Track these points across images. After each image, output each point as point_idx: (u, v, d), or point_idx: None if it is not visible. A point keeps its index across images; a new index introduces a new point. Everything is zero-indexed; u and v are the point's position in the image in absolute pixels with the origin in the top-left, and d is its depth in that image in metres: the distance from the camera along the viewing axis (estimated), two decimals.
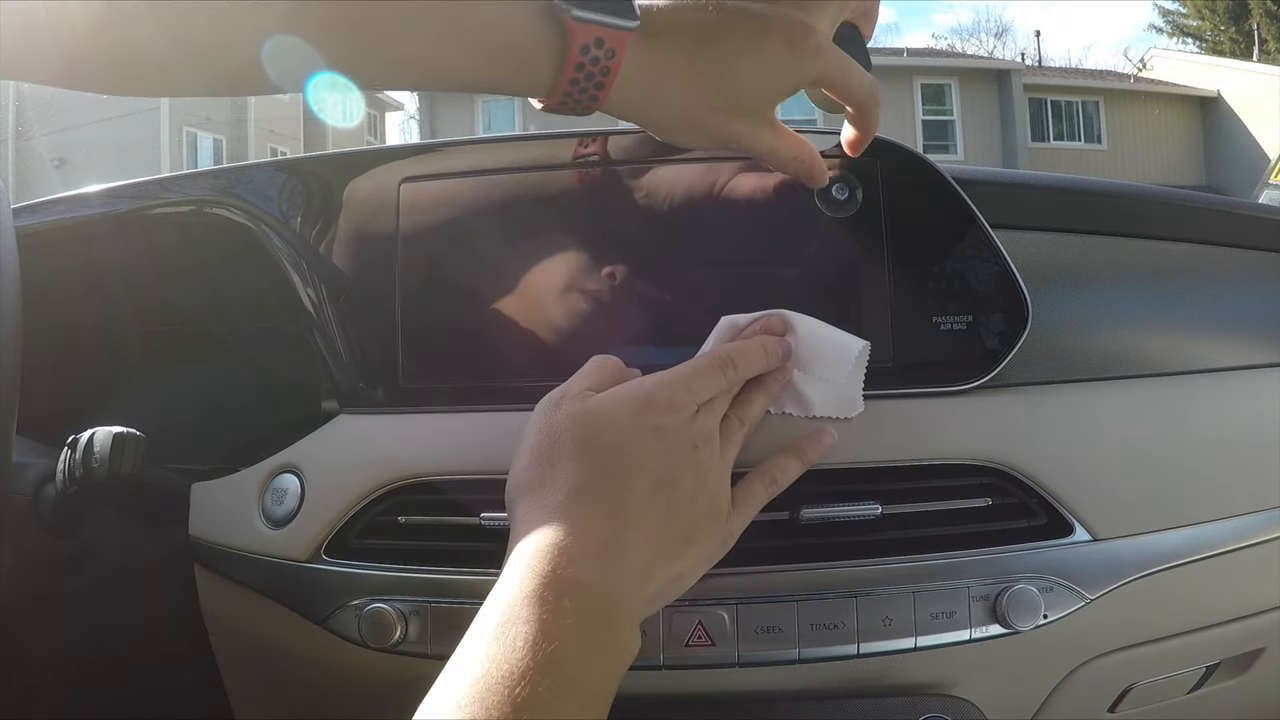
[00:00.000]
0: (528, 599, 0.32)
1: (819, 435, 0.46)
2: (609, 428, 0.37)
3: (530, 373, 0.52)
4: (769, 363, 0.44)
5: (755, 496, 0.43)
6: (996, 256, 0.51)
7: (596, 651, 0.32)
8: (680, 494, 0.37)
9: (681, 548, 0.37)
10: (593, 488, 0.35)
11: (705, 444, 0.39)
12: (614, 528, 0.35)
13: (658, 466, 0.36)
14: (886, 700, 0.48)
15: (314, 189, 0.58)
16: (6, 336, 0.40)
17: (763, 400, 0.44)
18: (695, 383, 0.40)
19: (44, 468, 0.53)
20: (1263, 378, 0.56)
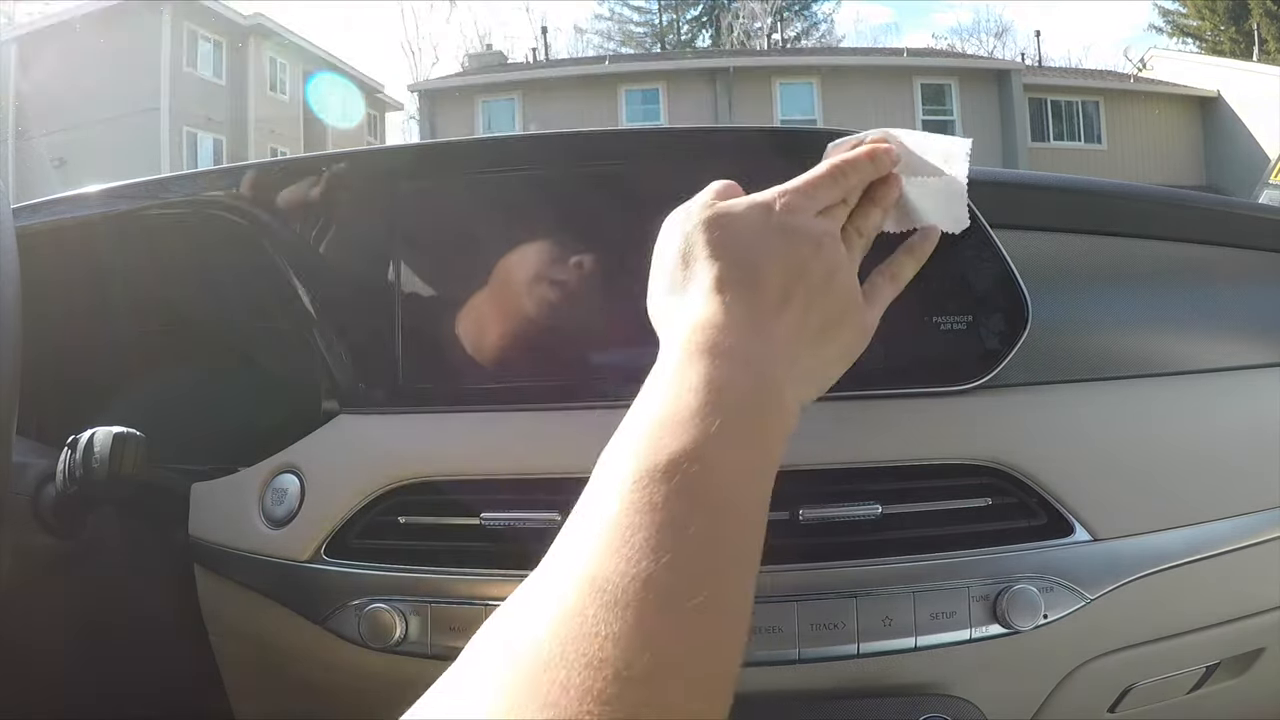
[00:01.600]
0: (691, 355, 0.33)
1: (926, 233, 0.46)
2: (738, 229, 0.38)
3: (530, 373, 0.52)
4: (878, 168, 0.45)
5: (882, 290, 0.44)
6: (996, 256, 0.51)
7: (758, 404, 0.33)
8: (813, 284, 0.38)
9: (822, 333, 0.39)
10: (731, 279, 0.37)
11: (830, 240, 0.40)
12: (757, 311, 0.36)
13: (788, 261, 0.38)
14: (886, 700, 0.48)
15: (314, 189, 0.58)
16: (6, 336, 0.40)
17: (877, 213, 0.45)
18: (811, 190, 0.41)
19: (44, 468, 0.53)
20: (1263, 378, 0.56)
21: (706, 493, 0.29)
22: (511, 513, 0.49)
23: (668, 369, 0.33)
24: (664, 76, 12.85)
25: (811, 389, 0.39)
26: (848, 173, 0.43)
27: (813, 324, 0.38)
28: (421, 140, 9.43)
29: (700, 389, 0.31)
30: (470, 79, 13.27)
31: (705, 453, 0.29)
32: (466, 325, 0.53)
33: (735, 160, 0.53)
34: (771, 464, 0.33)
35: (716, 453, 0.29)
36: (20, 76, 11.17)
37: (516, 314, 0.53)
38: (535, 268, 0.53)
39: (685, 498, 0.28)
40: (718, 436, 0.30)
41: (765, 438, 0.33)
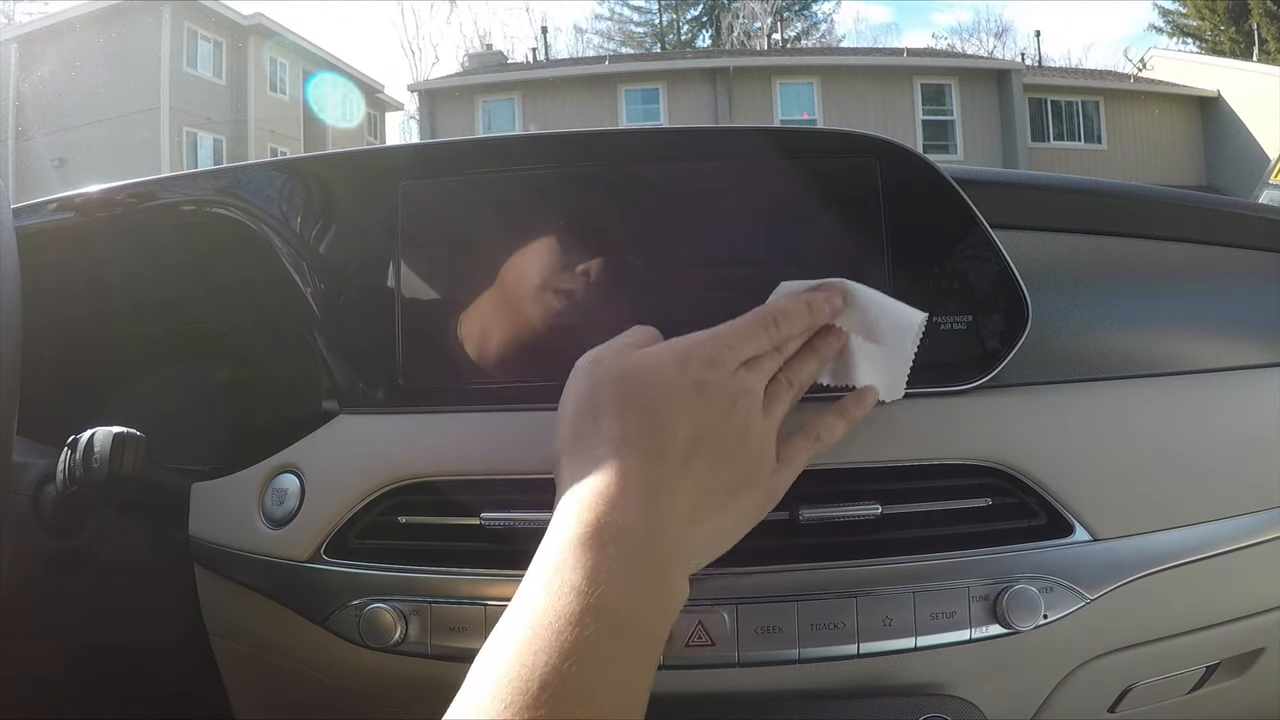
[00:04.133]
0: (573, 546, 0.33)
1: (862, 394, 0.46)
2: (651, 382, 0.38)
3: (531, 373, 0.52)
4: (814, 319, 0.43)
5: (801, 452, 0.43)
6: (996, 256, 0.51)
7: (645, 594, 0.33)
8: (723, 446, 0.37)
9: (726, 499, 0.38)
10: (636, 440, 0.36)
11: (745, 399, 0.39)
12: (658, 476, 0.35)
13: (699, 419, 0.37)
14: (886, 700, 0.48)
15: (314, 189, 0.58)
16: (6, 336, 0.40)
17: (813, 363, 0.44)
18: (735, 340, 0.40)
19: (44, 468, 0.53)
20: (1263, 378, 0.56)
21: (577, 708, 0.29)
22: (511, 513, 0.49)
23: (551, 558, 0.33)
24: (664, 76, 12.85)
25: (707, 555, 0.38)
26: (779, 322, 0.42)
27: (718, 487, 0.37)
28: (421, 140, 9.42)
29: (579, 589, 0.31)
30: (470, 79, 13.27)
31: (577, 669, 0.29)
32: (467, 325, 0.53)
33: (736, 160, 0.53)
34: (656, 644, 0.33)
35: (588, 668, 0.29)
36: (20, 76, 11.16)
37: (517, 314, 0.53)
38: (535, 268, 0.52)
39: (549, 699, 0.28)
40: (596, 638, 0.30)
41: (652, 623, 0.33)
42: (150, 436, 0.51)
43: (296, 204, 0.57)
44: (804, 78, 12.47)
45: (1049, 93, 12.53)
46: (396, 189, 0.54)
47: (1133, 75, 13.53)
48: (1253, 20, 14.52)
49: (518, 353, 0.53)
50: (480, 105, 12.78)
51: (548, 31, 17.77)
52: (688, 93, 12.53)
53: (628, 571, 0.32)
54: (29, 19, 12.95)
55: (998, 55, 17.35)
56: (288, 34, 13.76)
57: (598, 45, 20.68)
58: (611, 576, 0.32)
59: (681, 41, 19.90)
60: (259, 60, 13.29)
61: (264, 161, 0.63)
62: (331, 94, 14.43)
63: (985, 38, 20.50)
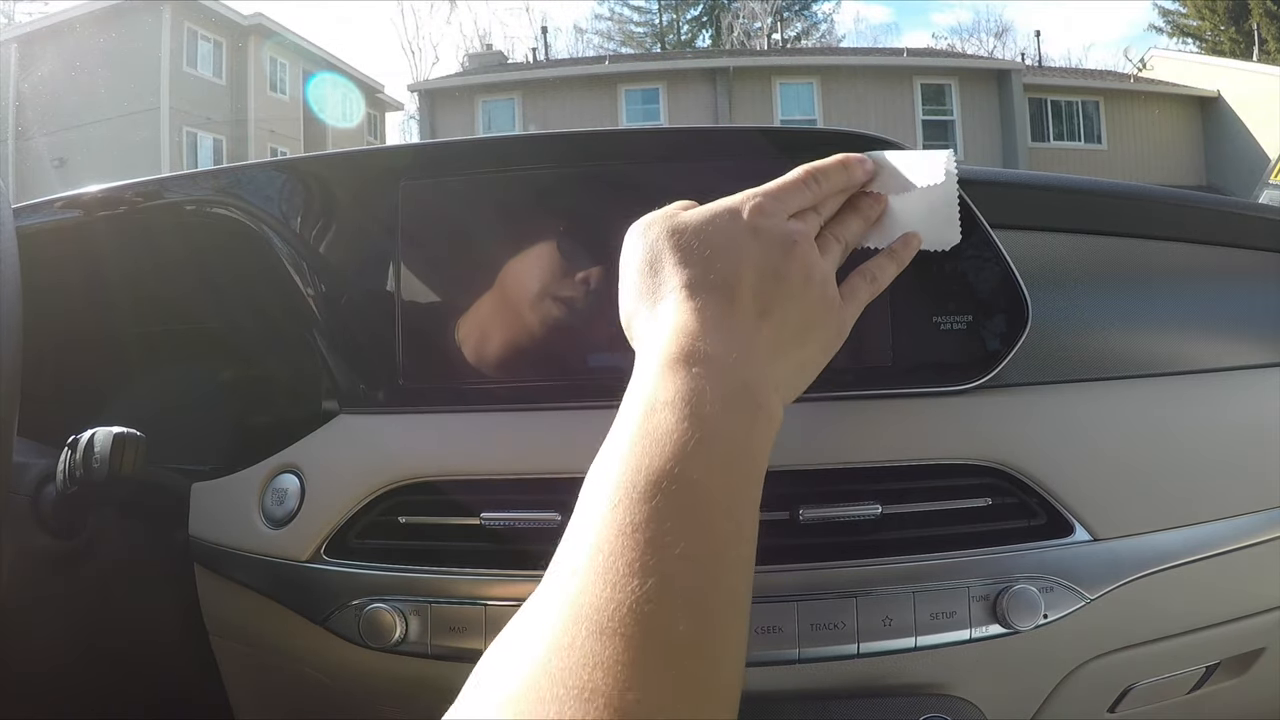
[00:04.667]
0: (661, 370, 0.32)
1: (908, 238, 0.46)
2: (708, 233, 0.38)
3: (530, 373, 0.52)
4: (850, 176, 0.44)
5: (860, 291, 0.43)
6: (996, 256, 0.51)
7: (738, 411, 0.32)
8: (789, 283, 0.37)
9: (800, 333, 0.38)
10: (704, 283, 0.36)
11: (803, 240, 0.39)
12: (733, 312, 0.35)
13: (761, 261, 0.37)
14: (886, 700, 0.48)
15: (314, 189, 0.58)
16: (6, 336, 0.40)
17: (857, 222, 0.45)
18: (781, 194, 0.40)
19: (44, 468, 0.53)
20: (1263, 378, 0.56)
21: (690, 510, 0.28)
22: (511, 513, 0.49)
23: (644, 382, 0.33)
24: (664, 76, 12.85)
25: (792, 388, 0.39)
26: (819, 178, 0.42)
27: (790, 324, 0.37)
28: (421, 140, 9.42)
29: (677, 402, 0.31)
30: (470, 79, 13.27)
31: (685, 469, 0.29)
32: (467, 325, 0.53)
33: (736, 160, 0.53)
34: (756, 470, 0.32)
35: (697, 467, 0.29)
36: (20, 76, 11.17)
37: (516, 314, 0.53)
38: (535, 268, 0.52)
39: (668, 517, 0.28)
40: (696, 451, 0.30)
41: (747, 445, 0.32)
42: (150, 436, 0.51)
43: (296, 204, 0.57)
44: (804, 78, 12.46)
45: (1049, 93, 12.53)
46: (396, 189, 0.54)
47: (1133, 75, 13.53)
48: (1253, 20, 14.52)
49: (517, 353, 0.53)
50: (480, 105, 12.78)
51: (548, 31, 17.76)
52: (688, 93, 12.53)
53: (717, 388, 0.32)
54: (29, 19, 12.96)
55: (998, 55, 17.36)
56: (288, 34, 13.76)
57: (598, 45, 20.71)
58: (702, 391, 0.31)
59: (681, 41, 19.92)
60: (259, 60, 13.29)
61: (264, 161, 0.63)
62: (331, 94, 14.43)
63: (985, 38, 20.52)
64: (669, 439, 0.30)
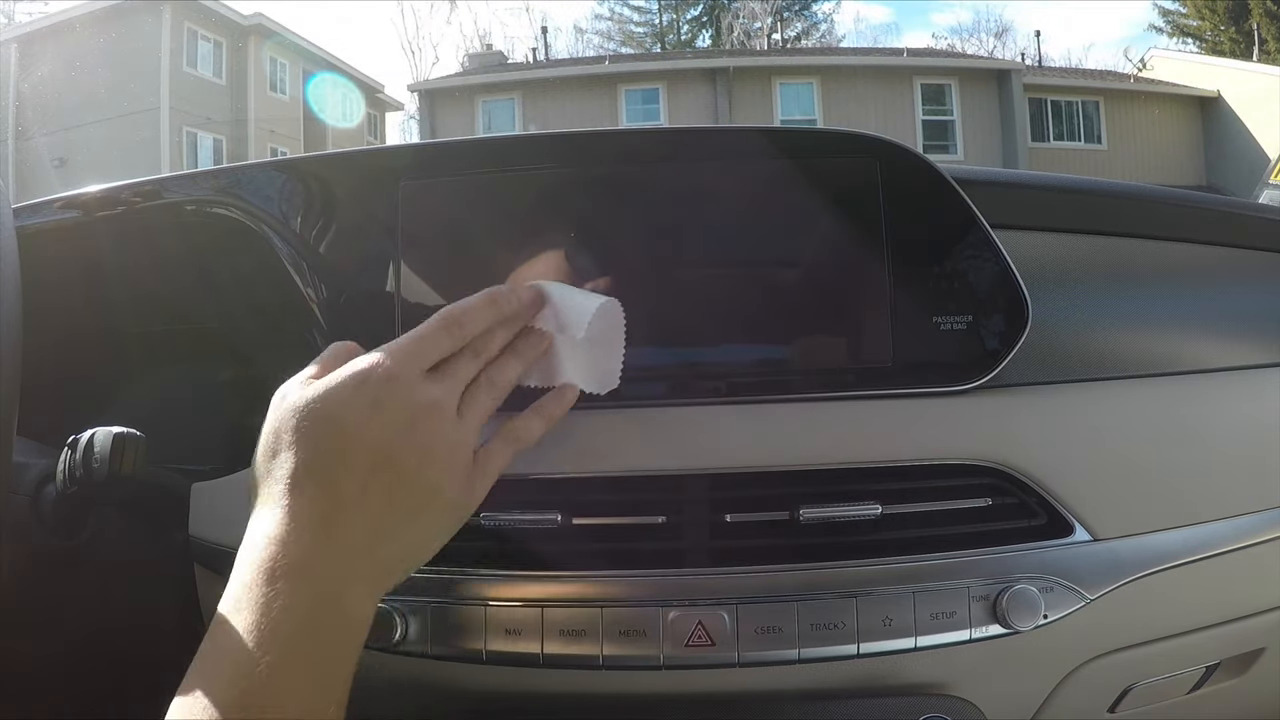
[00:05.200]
0: (248, 587, 0.34)
1: (561, 392, 0.45)
2: (326, 412, 0.37)
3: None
4: (500, 312, 0.42)
5: (498, 456, 0.42)
6: (996, 256, 0.51)
7: (319, 628, 0.34)
8: (400, 470, 0.37)
9: (407, 521, 0.38)
10: (309, 473, 0.36)
11: (427, 414, 0.38)
12: (331, 509, 0.35)
13: (376, 442, 0.36)
14: (886, 700, 0.48)
15: (314, 189, 0.58)
16: (6, 336, 0.40)
17: (514, 364, 0.43)
18: (416, 347, 0.39)
19: (44, 468, 0.53)
20: (1263, 378, 0.56)
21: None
22: (511, 513, 0.48)
23: (230, 597, 0.35)
24: (664, 76, 12.84)
25: (393, 577, 0.38)
26: (462, 321, 0.41)
27: (398, 510, 0.37)
28: (421, 140, 9.42)
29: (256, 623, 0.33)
30: (470, 79, 13.27)
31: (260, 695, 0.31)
32: None
33: (736, 160, 0.53)
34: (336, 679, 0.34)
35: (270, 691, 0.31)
36: (20, 76, 11.17)
37: None
38: (535, 268, 0.52)
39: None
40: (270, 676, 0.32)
41: (328, 654, 0.34)
42: (150, 436, 0.51)
43: (296, 204, 0.57)
44: (804, 78, 12.46)
45: (1049, 93, 12.53)
46: (396, 189, 0.54)
47: (1133, 75, 13.53)
48: (1253, 20, 14.52)
49: None
50: (480, 105, 12.78)
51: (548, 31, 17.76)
52: (688, 93, 12.53)
53: (297, 606, 0.33)
54: (29, 19, 12.96)
55: (998, 55, 17.36)
56: (288, 34, 13.76)
57: (598, 45, 20.71)
58: (281, 611, 0.33)
59: (681, 41, 19.92)
60: (259, 60, 13.29)
61: (264, 161, 0.63)
62: (331, 94, 14.43)
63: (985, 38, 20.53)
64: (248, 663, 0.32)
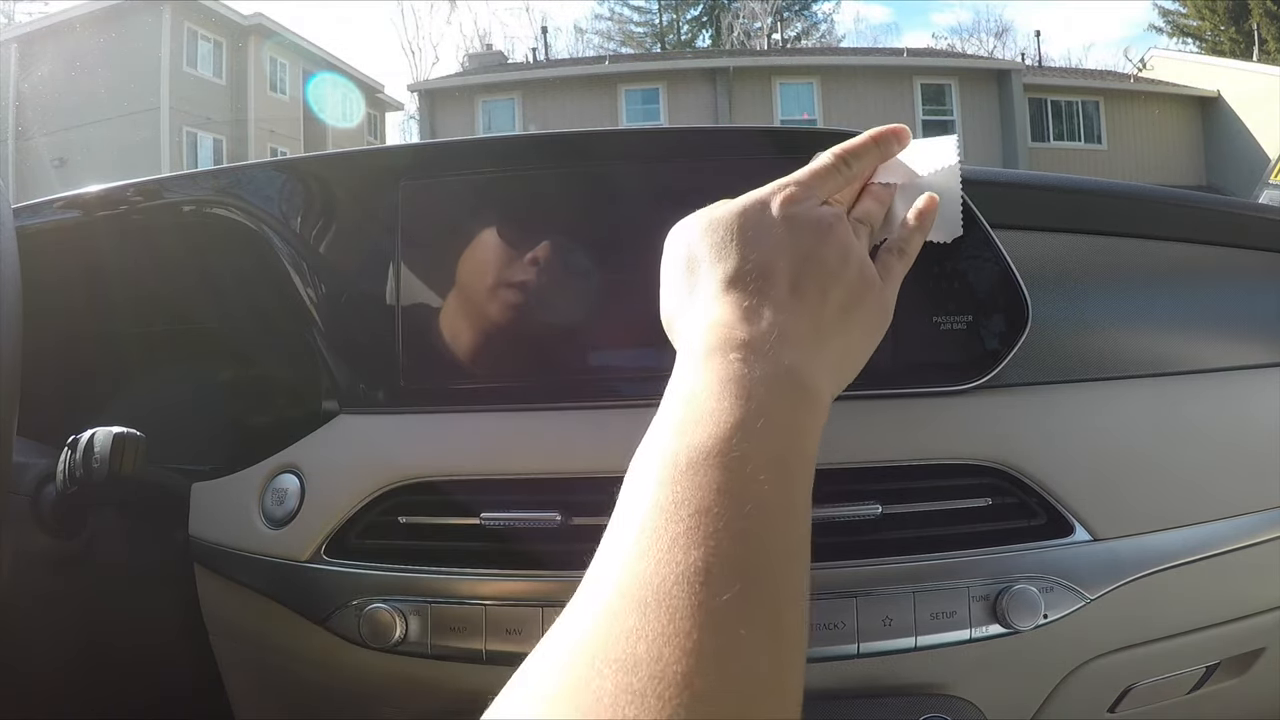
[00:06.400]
0: (708, 356, 0.32)
1: (929, 202, 0.45)
2: (739, 226, 0.37)
3: (530, 373, 0.52)
4: (882, 151, 0.44)
5: (894, 267, 0.42)
6: (996, 256, 0.51)
7: (782, 392, 0.31)
8: (826, 266, 0.37)
9: (842, 317, 0.37)
10: (741, 277, 0.36)
11: (838, 223, 0.38)
12: (770, 305, 0.35)
13: (795, 247, 0.37)
14: (886, 700, 0.48)
15: (314, 189, 0.58)
16: (6, 336, 0.40)
17: (877, 206, 0.44)
18: (813, 180, 0.40)
19: (44, 468, 0.53)
20: (1263, 378, 0.56)
21: (736, 487, 0.28)
22: (511, 513, 0.49)
23: (682, 375, 0.33)
24: (664, 76, 12.85)
25: (842, 374, 0.38)
26: (850, 160, 0.42)
27: (833, 308, 0.37)
28: (421, 140, 9.42)
29: (721, 383, 0.31)
30: (470, 79, 13.27)
31: (730, 446, 0.28)
32: (467, 325, 0.53)
33: (735, 160, 0.53)
34: (804, 455, 0.31)
35: (742, 445, 0.29)
36: (20, 76, 11.17)
37: (516, 314, 0.53)
38: (535, 268, 0.52)
39: (713, 493, 0.27)
40: (741, 428, 0.29)
41: (793, 428, 0.31)
42: (150, 436, 0.51)
43: (296, 204, 0.57)
44: (804, 78, 12.47)
45: (1049, 93, 12.53)
46: (396, 189, 0.54)
47: (1133, 75, 13.53)
48: (1253, 20, 14.52)
49: (517, 353, 0.53)
50: (480, 105, 12.78)
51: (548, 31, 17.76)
52: (688, 93, 12.53)
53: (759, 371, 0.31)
54: (29, 19, 12.96)
55: (998, 55, 17.36)
56: (288, 34, 13.77)
57: (598, 45, 20.71)
58: (744, 375, 0.31)
59: (681, 41, 19.92)
60: (259, 60, 13.30)
61: (264, 161, 0.63)
62: (331, 94, 14.43)
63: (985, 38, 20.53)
64: (711, 419, 0.29)
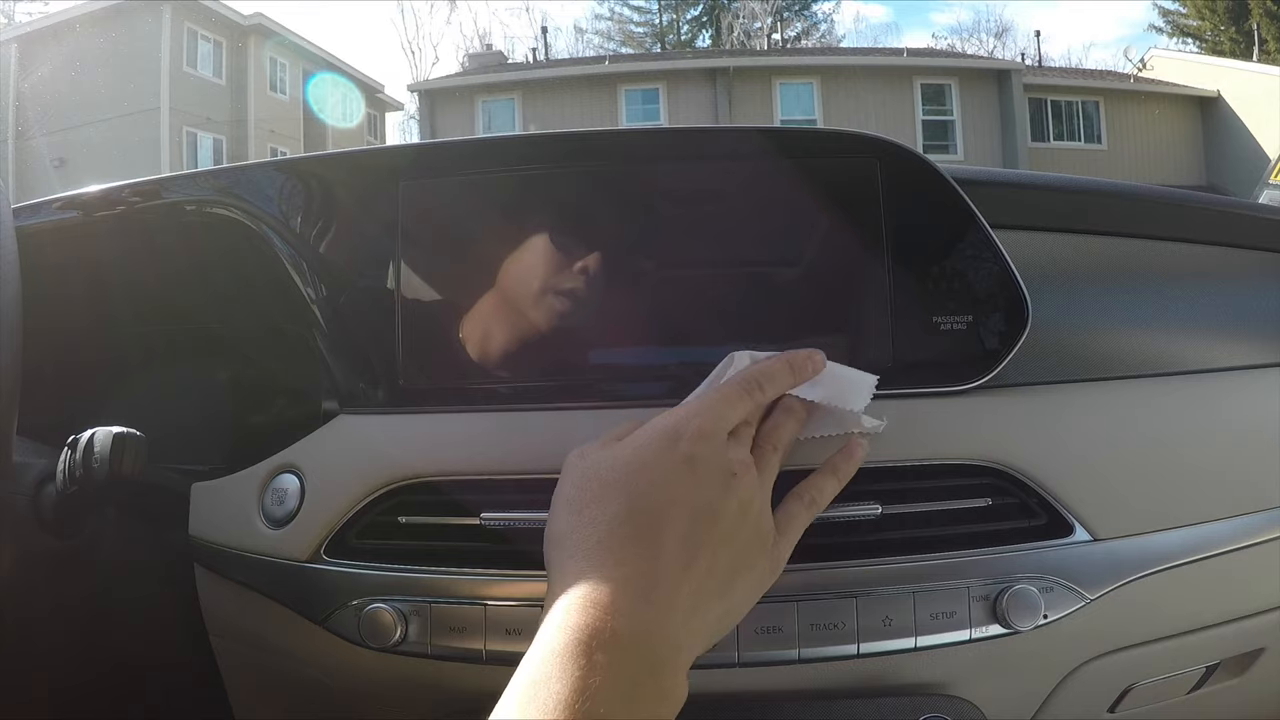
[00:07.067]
0: (560, 656, 0.30)
1: (850, 449, 0.44)
2: (638, 467, 0.35)
3: (531, 373, 0.52)
4: (796, 378, 0.42)
5: (797, 519, 0.41)
6: (996, 256, 0.51)
7: (639, 703, 0.30)
8: (723, 525, 0.35)
9: (729, 581, 0.36)
10: (627, 531, 0.34)
11: (743, 470, 0.37)
12: (653, 570, 0.33)
13: (695, 499, 0.35)
14: (886, 700, 0.48)
15: (314, 189, 0.58)
16: (7, 336, 0.40)
17: (791, 424, 0.43)
18: (722, 409, 0.38)
19: (44, 468, 0.53)
20: (1263, 378, 0.56)
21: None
22: (511, 513, 0.49)
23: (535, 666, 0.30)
24: (664, 76, 12.84)
25: (710, 641, 0.36)
26: (763, 384, 0.40)
27: (720, 571, 0.35)
28: (421, 140, 9.42)
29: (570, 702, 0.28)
30: (470, 79, 13.26)
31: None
32: (467, 325, 0.53)
33: (736, 160, 0.53)
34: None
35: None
36: (20, 76, 11.16)
37: (517, 314, 0.53)
38: (535, 268, 0.53)
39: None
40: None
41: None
42: (150, 436, 0.51)
43: (297, 204, 0.57)
44: (804, 78, 12.46)
45: (1049, 93, 12.52)
46: (396, 189, 0.54)
47: (1133, 75, 13.52)
48: (1253, 20, 14.52)
49: (518, 353, 0.53)
50: (480, 105, 12.78)
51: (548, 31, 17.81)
52: (688, 93, 12.53)
53: (618, 682, 0.30)
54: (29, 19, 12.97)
55: (998, 55, 17.36)
56: (288, 34, 13.76)
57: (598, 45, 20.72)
58: (600, 689, 0.29)
59: (681, 41, 19.92)
60: (259, 60, 13.29)
61: (264, 161, 0.63)
62: (331, 94, 14.43)
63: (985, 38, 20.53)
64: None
